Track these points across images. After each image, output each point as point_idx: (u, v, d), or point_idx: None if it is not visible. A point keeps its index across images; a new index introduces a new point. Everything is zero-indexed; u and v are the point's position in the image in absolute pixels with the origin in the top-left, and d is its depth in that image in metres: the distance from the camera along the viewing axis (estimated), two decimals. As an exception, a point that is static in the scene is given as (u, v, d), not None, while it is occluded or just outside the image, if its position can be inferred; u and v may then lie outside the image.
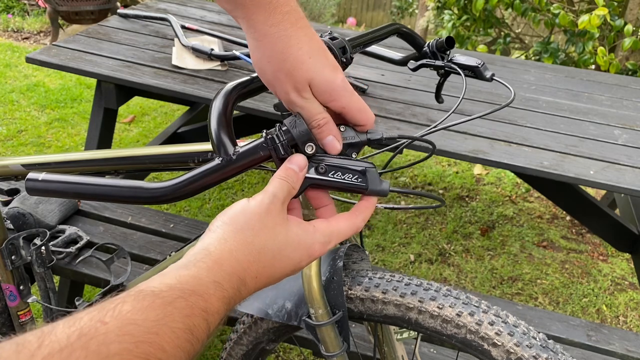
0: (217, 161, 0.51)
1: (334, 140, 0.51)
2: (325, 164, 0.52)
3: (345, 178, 0.52)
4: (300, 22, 0.50)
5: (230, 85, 0.54)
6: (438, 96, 0.89)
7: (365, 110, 0.53)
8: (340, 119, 0.54)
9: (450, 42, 0.79)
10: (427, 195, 0.60)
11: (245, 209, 0.46)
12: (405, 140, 0.67)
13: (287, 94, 0.51)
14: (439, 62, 0.79)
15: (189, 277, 0.40)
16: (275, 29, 0.49)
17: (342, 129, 0.53)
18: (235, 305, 0.44)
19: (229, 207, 0.47)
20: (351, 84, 1.49)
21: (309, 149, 0.51)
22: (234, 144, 0.51)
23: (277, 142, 0.51)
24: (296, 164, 0.50)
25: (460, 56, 0.79)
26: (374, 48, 0.97)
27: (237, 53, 1.51)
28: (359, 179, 0.52)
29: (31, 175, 0.50)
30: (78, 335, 0.32)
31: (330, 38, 0.62)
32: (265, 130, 0.52)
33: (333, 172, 0.52)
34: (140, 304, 0.36)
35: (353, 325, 1.18)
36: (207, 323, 0.39)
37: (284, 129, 0.51)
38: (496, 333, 0.67)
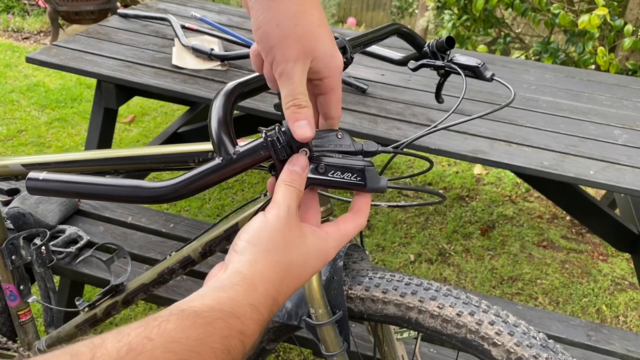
0: (217, 161, 0.51)
1: (307, 126, 0.48)
2: (325, 164, 0.51)
3: (345, 177, 0.52)
4: None
5: (231, 84, 0.54)
6: (438, 96, 0.89)
7: (340, 104, 0.53)
8: (315, 107, 0.53)
9: (450, 42, 0.79)
10: (427, 191, 0.60)
11: (265, 225, 0.46)
12: (404, 142, 0.68)
13: (286, 62, 0.48)
14: (439, 62, 0.80)
15: (227, 299, 0.41)
16: None
17: (339, 136, 0.53)
18: (266, 326, 0.45)
19: (247, 224, 0.47)
20: (351, 84, 1.50)
21: (303, 154, 0.51)
22: (235, 144, 0.51)
23: (279, 144, 0.50)
24: (299, 165, 0.49)
25: (460, 56, 0.79)
26: (374, 48, 0.97)
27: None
28: (358, 177, 0.52)
29: (32, 174, 0.50)
30: (127, 350, 0.34)
31: (330, 38, 0.62)
32: (264, 131, 0.52)
33: (332, 171, 0.52)
34: (183, 322, 0.37)
35: (353, 325, 1.18)
36: (243, 345, 0.40)
37: (283, 129, 0.51)
38: (496, 333, 0.67)
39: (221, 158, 0.51)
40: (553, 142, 1.35)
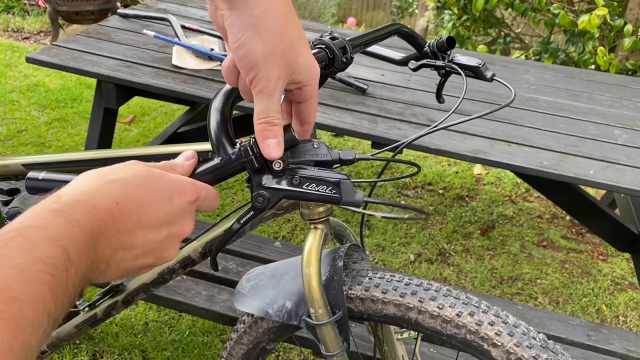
0: (216, 160, 0.51)
1: (276, 145, 0.49)
2: (299, 176, 0.51)
3: (320, 190, 0.51)
4: None
5: (230, 85, 0.54)
6: (439, 96, 0.89)
7: (316, 111, 0.54)
8: (290, 114, 0.54)
9: (451, 42, 0.79)
10: (407, 207, 0.58)
11: None
12: (404, 142, 0.68)
13: (269, 80, 0.47)
14: (439, 62, 0.80)
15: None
16: (275, 4, 0.46)
17: (315, 145, 0.53)
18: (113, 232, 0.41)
19: None
20: (351, 84, 1.50)
21: (277, 165, 0.51)
22: (233, 144, 0.52)
23: (251, 154, 0.50)
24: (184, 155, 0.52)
25: (461, 56, 0.79)
26: (374, 48, 0.97)
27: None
28: (333, 190, 0.51)
29: (31, 174, 0.51)
30: None
31: (330, 38, 0.62)
32: (240, 141, 0.52)
33: (307, 183, 0.51)
34: None
35: (353, 325, 1.18)
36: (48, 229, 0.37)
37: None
38: (496, 333, 0.67)
39: (220, 158, 0.51)
40: (553, 142, 1.35)
